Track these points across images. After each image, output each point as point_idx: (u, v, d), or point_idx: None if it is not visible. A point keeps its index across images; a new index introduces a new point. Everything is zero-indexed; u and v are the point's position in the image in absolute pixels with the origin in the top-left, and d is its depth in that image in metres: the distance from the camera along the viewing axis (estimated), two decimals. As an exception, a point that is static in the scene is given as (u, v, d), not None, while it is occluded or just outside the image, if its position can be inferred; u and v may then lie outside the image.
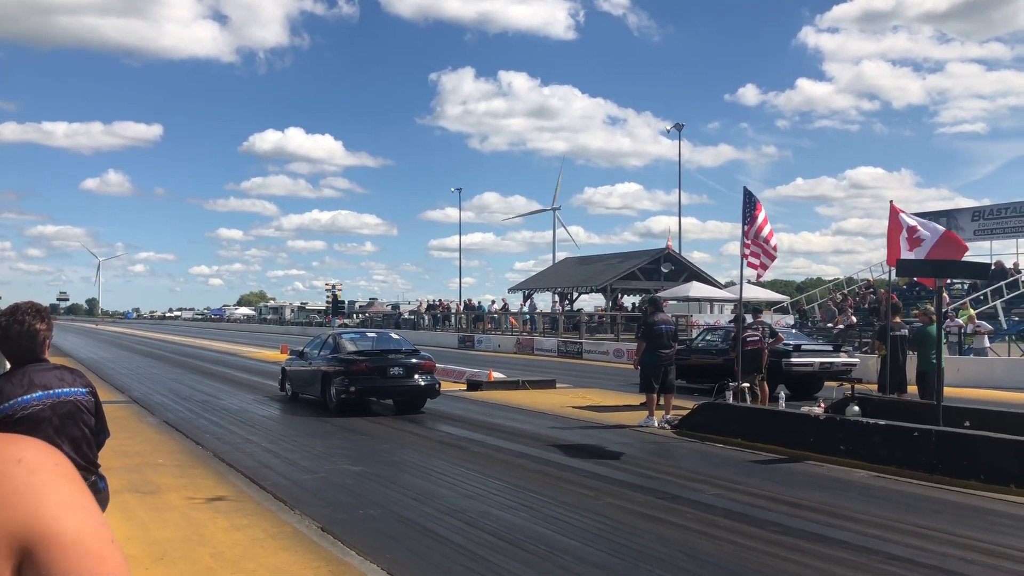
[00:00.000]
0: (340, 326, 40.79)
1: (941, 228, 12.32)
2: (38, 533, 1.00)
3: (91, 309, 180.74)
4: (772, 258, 13.18)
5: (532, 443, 11.83)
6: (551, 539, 6.79)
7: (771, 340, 15.36)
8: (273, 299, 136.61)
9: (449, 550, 6.49)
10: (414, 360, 15.25)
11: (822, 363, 18.19)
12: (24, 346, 3.81)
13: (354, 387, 14.73)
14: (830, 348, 19.64)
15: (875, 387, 14.50)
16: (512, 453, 11.08)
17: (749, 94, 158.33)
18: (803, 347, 18.57)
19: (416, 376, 15.13)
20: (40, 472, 1.04)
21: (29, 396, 3.69)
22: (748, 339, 14.32)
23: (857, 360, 19.77)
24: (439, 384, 15.68)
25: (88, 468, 3.88)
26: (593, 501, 8.25)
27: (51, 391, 3.76)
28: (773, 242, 13.11)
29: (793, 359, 17.59)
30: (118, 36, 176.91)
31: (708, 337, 20.27)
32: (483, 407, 16.27)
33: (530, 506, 8.02)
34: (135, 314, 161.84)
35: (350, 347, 15.70)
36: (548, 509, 7.89)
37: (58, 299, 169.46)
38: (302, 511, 7.69)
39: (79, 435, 3.85)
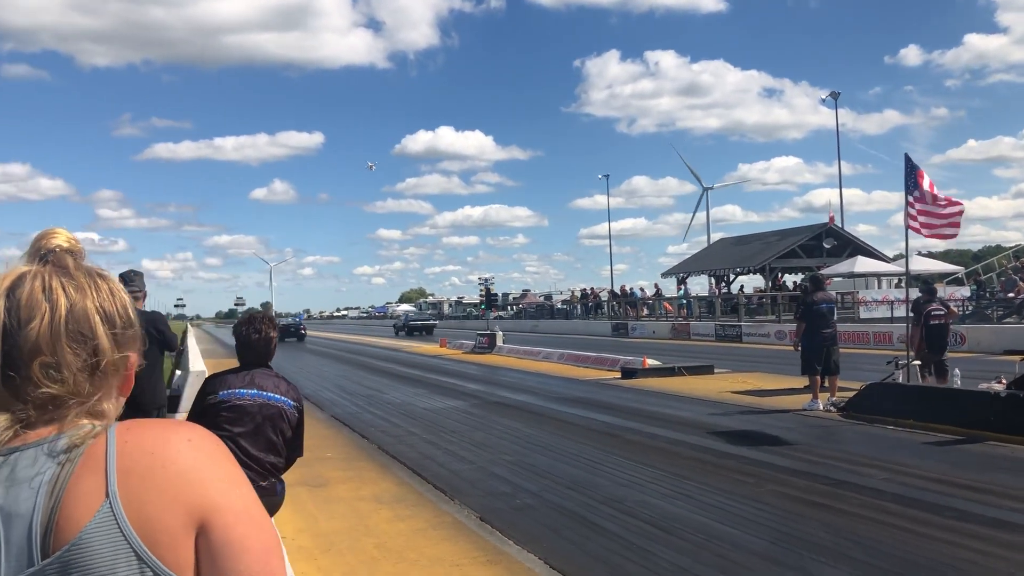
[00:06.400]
0: (495, 318, 41.78)
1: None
2: (214, 503, 1.11)
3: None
4: (954, 225, 12.34)
5: (689, 430, 11.63)
6: (709, 527, 6.66)
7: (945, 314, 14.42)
8: (432, 295, 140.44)
9: (605, 539, 6.48)
10: None
11: None
12: (260, 352, 4.34)
13: None
14: None
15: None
16: (668, 440, 10.93)
17: (911, 55, 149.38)
18: None
19: None
20: (203, 450, 1.15)
21: (245, 391, 4.16)
22: (933, 313, 13.45)
23: None
24: None
25: (271, 472, 4.15)
26: (753, 488, 8.02)
27: (265, 393, 4.20)
28: (952, 209, 12.22)
29: None
30: (279, 50, 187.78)
31: None
32: (637, 395, 16.15)
33: (687, 494, 7.90)
34: (305, 315, 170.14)
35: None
36: (706, 497, 7.74)
37: (235, 304, 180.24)
38: (461, 501, 7.89)
39: (274, 440, 4.19)
